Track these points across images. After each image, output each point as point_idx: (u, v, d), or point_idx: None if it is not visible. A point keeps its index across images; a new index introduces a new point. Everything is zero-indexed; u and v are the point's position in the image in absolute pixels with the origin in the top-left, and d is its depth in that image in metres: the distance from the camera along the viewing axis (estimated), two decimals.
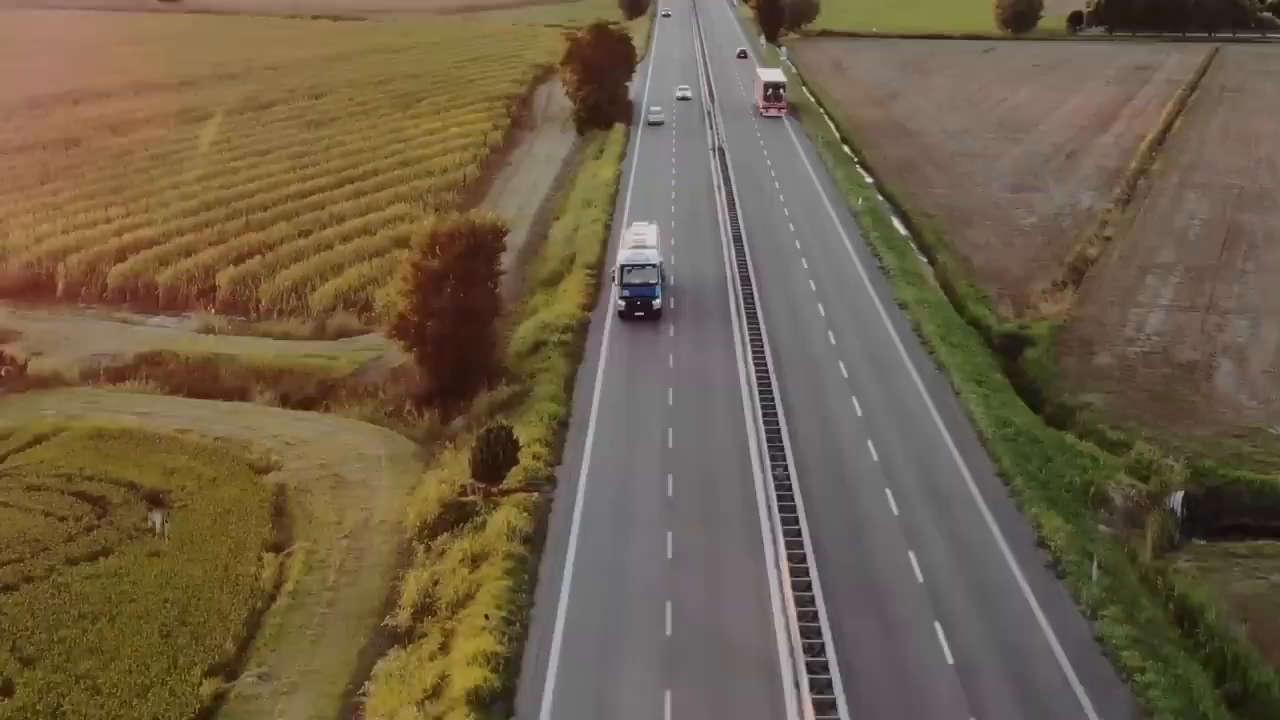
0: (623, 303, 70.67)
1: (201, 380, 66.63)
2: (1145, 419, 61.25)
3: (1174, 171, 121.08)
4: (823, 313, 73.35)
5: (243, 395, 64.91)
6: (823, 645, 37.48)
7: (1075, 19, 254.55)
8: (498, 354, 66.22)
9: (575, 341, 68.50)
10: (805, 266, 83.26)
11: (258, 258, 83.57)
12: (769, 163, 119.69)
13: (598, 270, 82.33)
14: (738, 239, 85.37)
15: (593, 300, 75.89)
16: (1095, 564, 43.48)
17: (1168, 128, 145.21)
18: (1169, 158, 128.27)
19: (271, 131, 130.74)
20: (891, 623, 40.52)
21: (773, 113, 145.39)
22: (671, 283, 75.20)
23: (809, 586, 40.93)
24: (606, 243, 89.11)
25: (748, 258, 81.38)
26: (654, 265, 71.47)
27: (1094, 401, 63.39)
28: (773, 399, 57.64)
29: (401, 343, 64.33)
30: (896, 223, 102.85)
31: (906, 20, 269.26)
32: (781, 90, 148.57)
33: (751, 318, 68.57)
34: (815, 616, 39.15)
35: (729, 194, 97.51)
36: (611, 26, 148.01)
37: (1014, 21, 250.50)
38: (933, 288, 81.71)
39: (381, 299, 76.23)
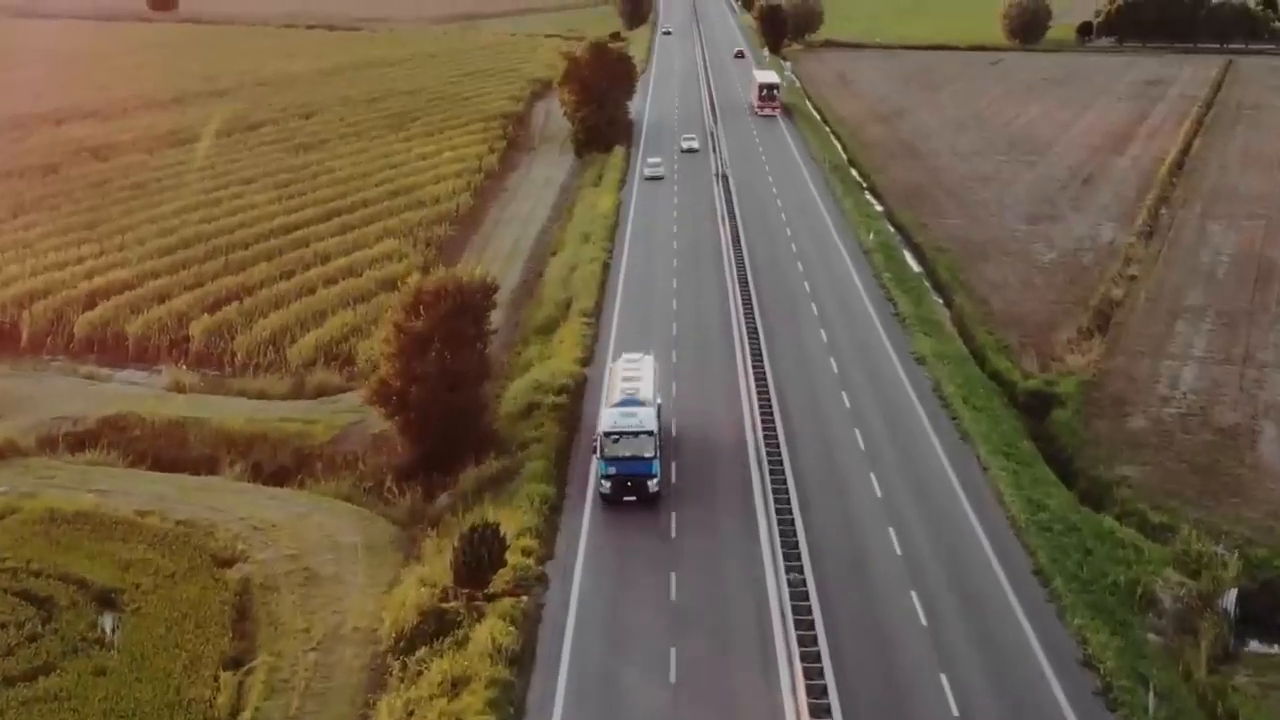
0: (606, 483, 51.56)
1: (168, 448, 62.06)
2: (1188, 496, 56.49)
3: (1196, 200, 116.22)
4: (836, 369, 68.59)
5: (212, 466, 60.25)
6: None
7: (1084, 29, 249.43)
8: (486, 420, 61.49)
9: (570, 404, 63.80)
10: (815, 313, 78.52)
11: (235, 304, 78.84)
12: (775, 190, 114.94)
13: (595, 318, 77.65)
14: (744, 281, 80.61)
15: (589, 354, 71.19)
16: (1151, 694, 38.76)
17: (1186, 149, 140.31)
18: (1190, 184, 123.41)
19: (258, 156, 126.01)
20: None
21: (767, 111, 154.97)
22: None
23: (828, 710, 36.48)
24: (605, 284, 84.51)
25: (754, 303, 76.72)
26: (649, 432, 51.82)
27: (1131, 475, 58.58)
28: (783, 473, 52.94)
29: (382, 410, 59.68)
30: (909, 258, 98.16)
31: (911, 29, 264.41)
32: (775, 91, 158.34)
33: (760, 379, 63.72)
34: None
35: (734, 229, 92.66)
36: (611, 45, 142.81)
37: (1022, 32, 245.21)
38: (950, 335, 76.90)
39: (364, 352, 71.56)
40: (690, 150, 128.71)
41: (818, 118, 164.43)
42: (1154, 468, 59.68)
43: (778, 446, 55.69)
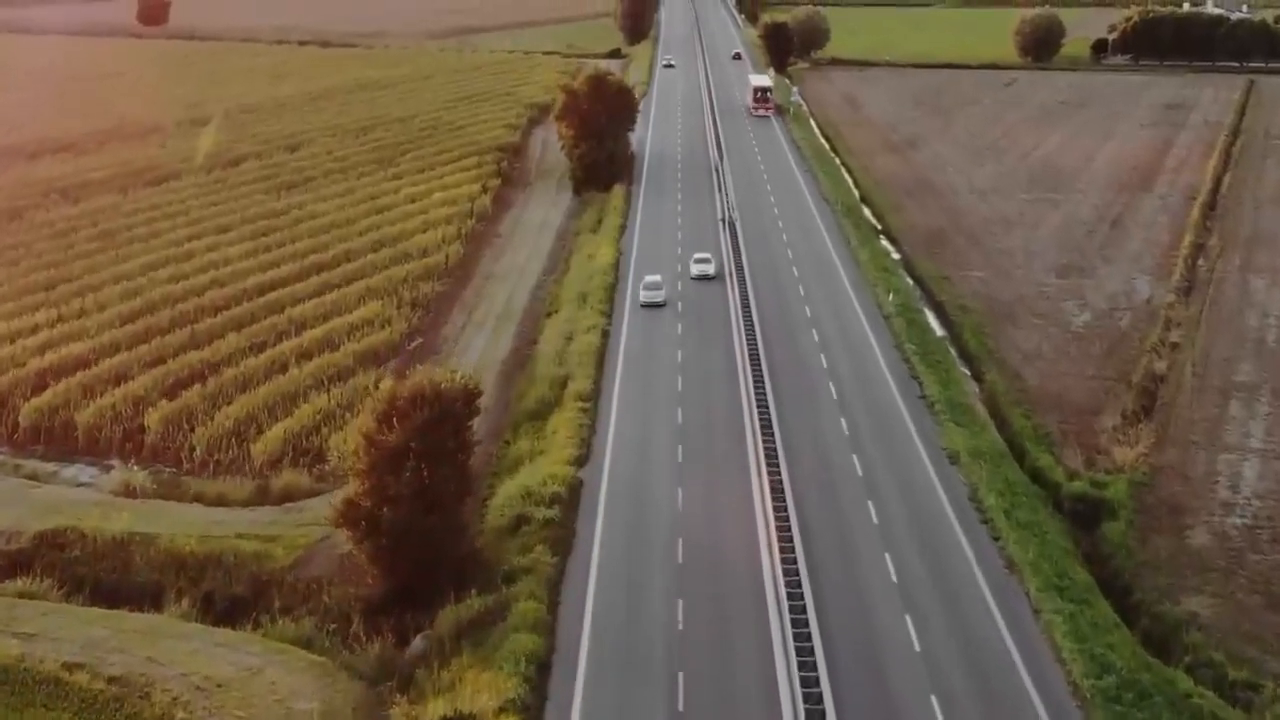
0: None
1: (111, 571, 55.04)
2: (1268, 643, 49.46)
3: (1234, 249, 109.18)
4: (860, 470, 61.62)
5: (158, 596, 53.20)
6: None
7: (1099, 47, 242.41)
8: (468, 543, 54.56)
9: (564, 519, 56.86)
10: (835, 396, 71.54)
11: (197, 386, 71.81)
12: (785, 237, 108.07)
13: (592, 401, 70.69)
14: (755, 359, 73.61)
15: (585, 451, 64.18)
16: None
17: (1216, 186, 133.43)
18: (1225, 228, 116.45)
19: (238, 197, 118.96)
20: None
21: (761, 112, 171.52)
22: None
23: None
24: (603, 359, 77.56)
25: (767, 383, 69.77)
26: None
27: (1199, 612, 51.51)
28: (806, 624, 45.99)
29: (350, 534, 52.73)
30: (931, 317, 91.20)
31: (919, 46, 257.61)
32: (769, 93, 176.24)
33: (777, 491, 56.76)
34: None
35: (743, 294, 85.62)
36: (610, 76, 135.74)
37: (1035, 50, 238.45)
38: (984, 423, 69.75)
39: (336, 446, 64.63)
40: (704, 277, 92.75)
41: (826, 147, 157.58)
42: (1224, 601, 52.62)
43: (799, 583, 48.82)
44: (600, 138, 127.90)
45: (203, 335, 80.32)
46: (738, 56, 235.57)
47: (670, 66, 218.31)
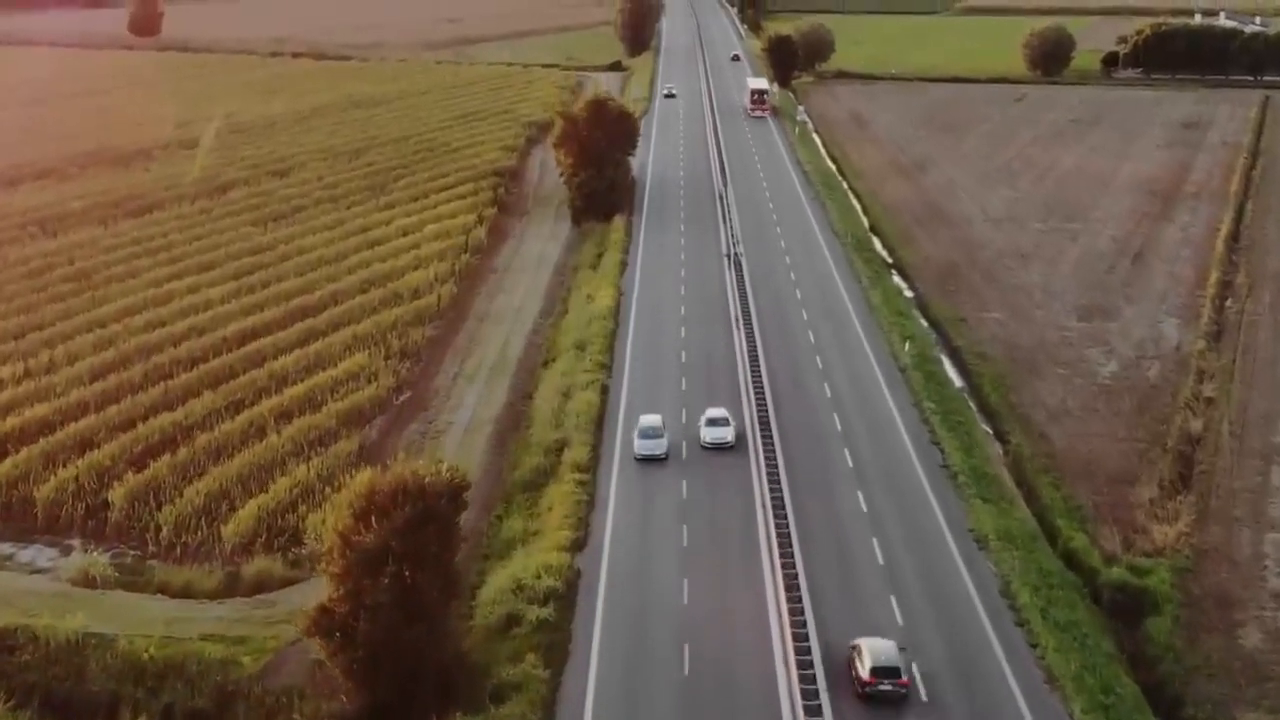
0: None
1: (63, 679, 50.14)
2: None
3: (1263, 286, 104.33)
4: (880, 557, 56.91)
5: (112, 710, 48.34)
6: None
7: (1110, 60, 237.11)
8: (454, 648, 49.77)
9: (559, 619, 52.10)
10: (851, 465, 66.77)
11: (167, 456, 66.95)
12: (793, 275, 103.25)
13: (590, 472, 65.88)
14: (765, 422, 68.81)
15: (582, 533, 59.40)
16: None
17: (1239, 214, 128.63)
18: (1251, 262, 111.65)
19: (222, 230, 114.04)
20: None
21: (758, 114, 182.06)
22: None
23: None
24: (602, 419, 72.76)
25: (778, 451, 65.03)
26: None
27: None
28: None
29: (323, 644, 47.93)
30: (949, 365, 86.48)
31: (926, 58, 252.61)
32: (765, 96, 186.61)
33: (792, 586, 52.05)
34: None
35: (750, 345, 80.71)
36: (611, 102, 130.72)
37: (1044, 63, 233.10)
38: (1011, 497, 64.92)
39: (314, 528, 59.85)
40: (720, 444, 67.92)
41: (833, 169, 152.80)
42: None
43: (819, 708, 44.08)
44: (600, 165, 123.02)
45: (177, 393, 75.47)
46: (736, 58, 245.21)
47: (671, 96, 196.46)
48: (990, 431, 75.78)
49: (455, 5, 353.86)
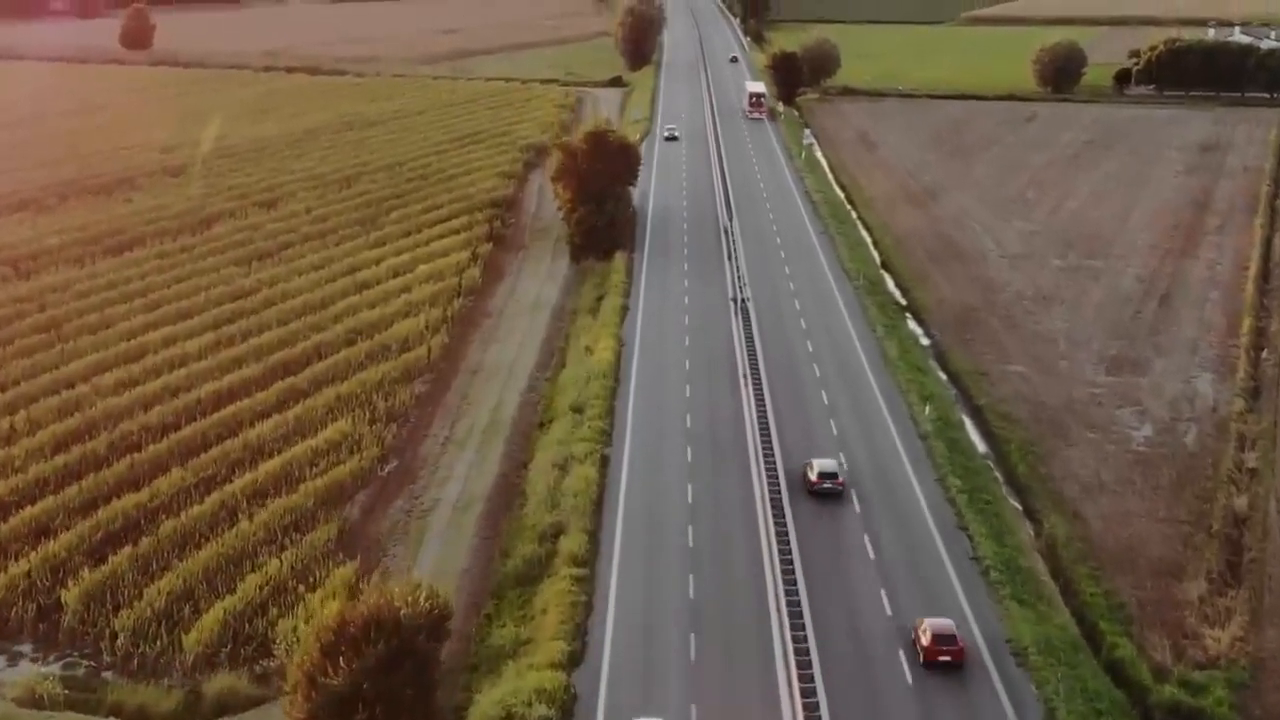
0: None
1: None
2: None
3: None
4: (909, 677, 51.45)
5: None
6: None
7: (1122, 78, 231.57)
8: None
9: None
10: (872, 556, 61.47)
11: (128, 548, 61.51)
12: (803, 322, 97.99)
13: (588, 566, 60.46)
14: (777, 505, 63.46)
15: (580, 645, 53.94)
16: None
17: (1267, 249, 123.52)
18: None
19: (204, 271, 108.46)
20: None
21: (755, 115, 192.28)
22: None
23: None
24: (601, 500, 67.35)
25: (793, 546, 59.61)
26: None
27: None
28: None
29: None
30: (971, 427, 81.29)
31: (934, 73, 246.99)
32: (763, 99, 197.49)
33: (808, 691, 46.81)
34: None
35: (760, 412, 75.34)
36: (611, 134, 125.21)
37: (1054, 79, 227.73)
38: (1049, 598, 59.58)
39: (284, 635, 54.47)
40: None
41: (842, 198, 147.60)
42: None
43: None
44: (600, 200, 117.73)
45: (143, 467, 70.02)
46: (734, 59, 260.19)
47: (674, 139, 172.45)
48: (1020, 508, 70.55)
49: (453, 16, 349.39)
